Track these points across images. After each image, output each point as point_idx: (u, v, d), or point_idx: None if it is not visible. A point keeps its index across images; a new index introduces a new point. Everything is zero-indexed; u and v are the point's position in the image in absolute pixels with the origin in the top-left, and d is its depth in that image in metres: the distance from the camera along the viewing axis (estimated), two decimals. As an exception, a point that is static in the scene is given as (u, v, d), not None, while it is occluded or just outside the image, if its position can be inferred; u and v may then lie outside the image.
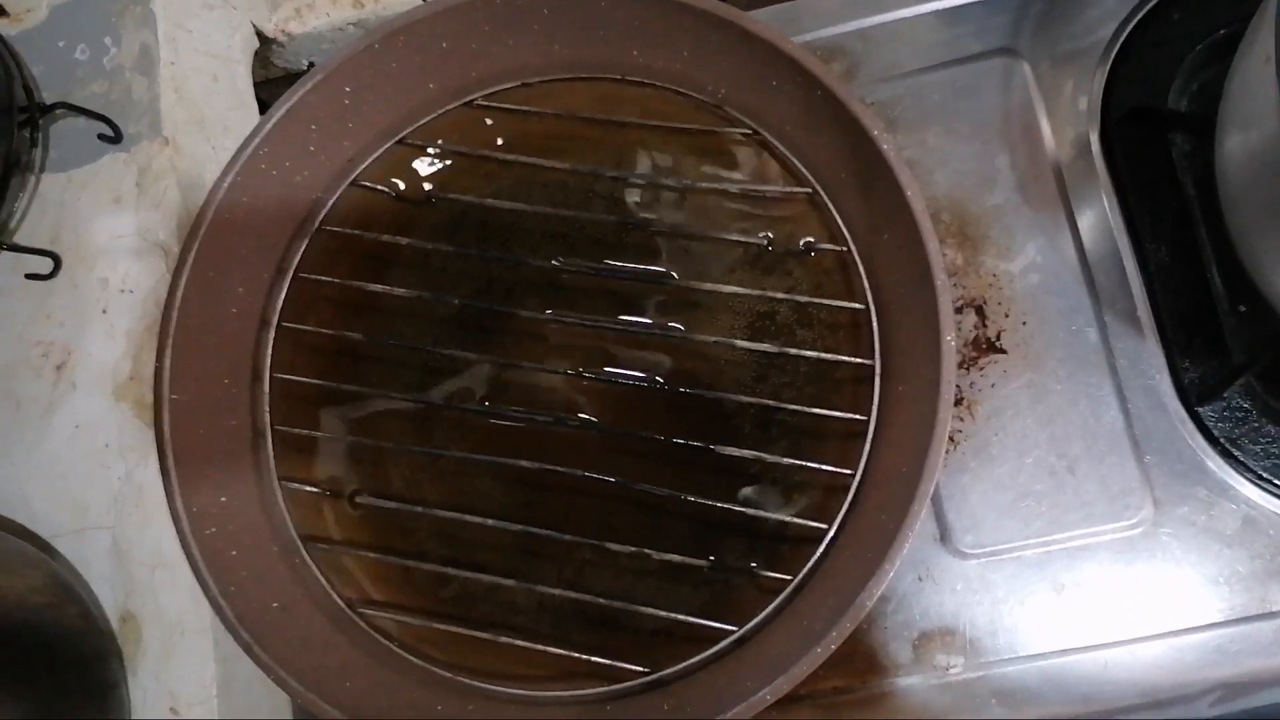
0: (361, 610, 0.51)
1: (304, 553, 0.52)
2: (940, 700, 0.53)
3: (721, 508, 0.50)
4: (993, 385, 0.55)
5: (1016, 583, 0.53)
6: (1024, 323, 0.56)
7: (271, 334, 0.55)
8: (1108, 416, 0.54)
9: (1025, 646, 0.52)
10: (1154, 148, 0.57)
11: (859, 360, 0.50)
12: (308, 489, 0.54)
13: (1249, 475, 0.53)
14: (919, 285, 0.47)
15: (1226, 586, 0.52)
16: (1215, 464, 0.53)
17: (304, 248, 0.56)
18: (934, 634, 0.53)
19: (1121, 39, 0.58)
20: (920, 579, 0.54)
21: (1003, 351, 0.56)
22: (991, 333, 0.56)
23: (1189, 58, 0.57)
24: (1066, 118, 0.59)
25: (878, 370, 0.50)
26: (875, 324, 0.51)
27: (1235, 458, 0.53)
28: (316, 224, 0.56)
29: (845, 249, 0.52)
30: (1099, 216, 0.57)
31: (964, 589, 0.54)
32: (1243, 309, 0.54)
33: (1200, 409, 0.54)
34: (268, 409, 0.54)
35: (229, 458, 0.53)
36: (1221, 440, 0.53)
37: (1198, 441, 0.53)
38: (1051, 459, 0.54)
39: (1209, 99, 0.57)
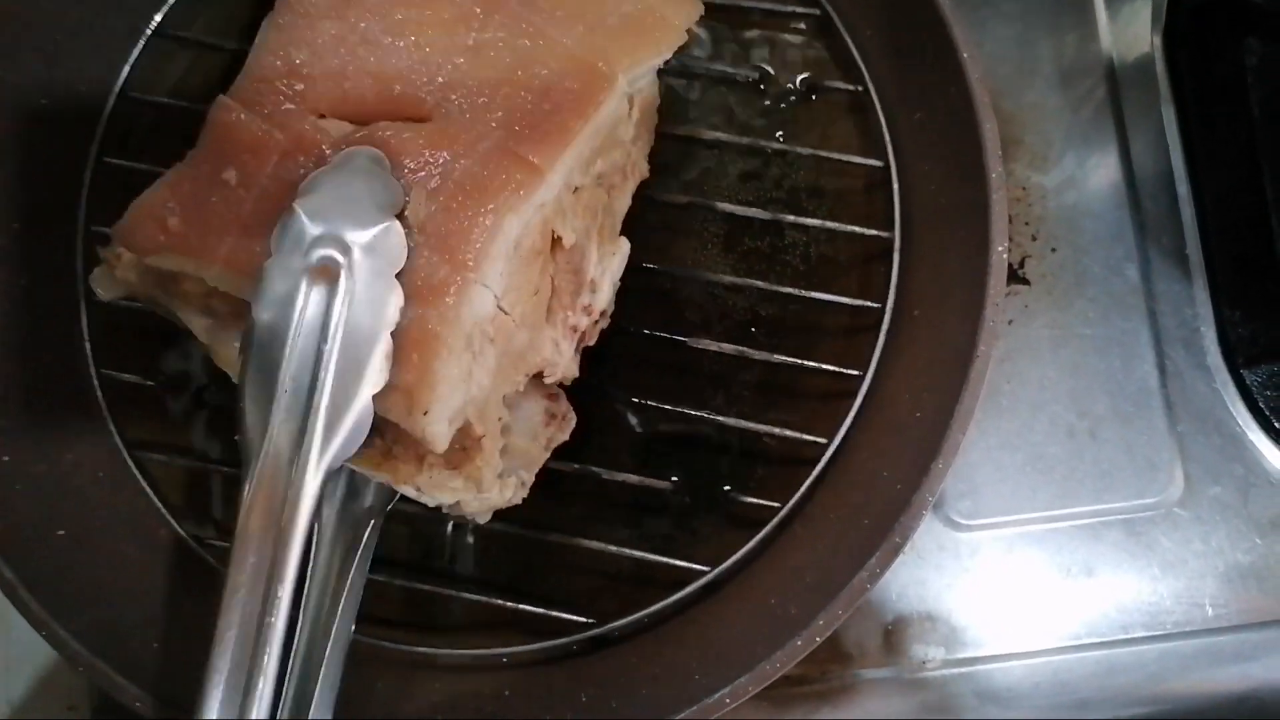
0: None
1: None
2: (911, 699, 0.44)
3: (693, 415, 0.40)
4: (1010, 322, 0.45)
5: (1015, 562, 0.44)
6: (1053, 249, 0.46)
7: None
8: (1140, 371, 0.45)
9: (1019, 640, 0.44)
10: (1225, 55, 0.47)
11: (868, 303, 0.40)
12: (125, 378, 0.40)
13: (1296, 457, 0.44)
14: (962, 181, 0.36)
15: (1255, 583, 0.44)
16: (1257, 439, 0.45)
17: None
18: (911, 618, 0.44)
19: (1204, -83, 0.48)
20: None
21: (1025, 282, 0.46)
22: (1014, 258, 0.46)
23: (1280, -51, 0.47)
24: (1129, 6, 0.48)
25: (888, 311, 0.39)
26: (897, 257, 0.40)
27: (1282, 435, 0.45)
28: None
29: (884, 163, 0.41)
30: (1154, 130, 0.47)
31: (952, 566, 0.44)
32: (1308, 259, 0.45)
33: (1246, 372, 0.45)
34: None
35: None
36: (1267, 412, 0.45)
37: (1239, 411, 0.45)
38: (1071, 417, 0.45)
39: (1299, 0, 0.47)
